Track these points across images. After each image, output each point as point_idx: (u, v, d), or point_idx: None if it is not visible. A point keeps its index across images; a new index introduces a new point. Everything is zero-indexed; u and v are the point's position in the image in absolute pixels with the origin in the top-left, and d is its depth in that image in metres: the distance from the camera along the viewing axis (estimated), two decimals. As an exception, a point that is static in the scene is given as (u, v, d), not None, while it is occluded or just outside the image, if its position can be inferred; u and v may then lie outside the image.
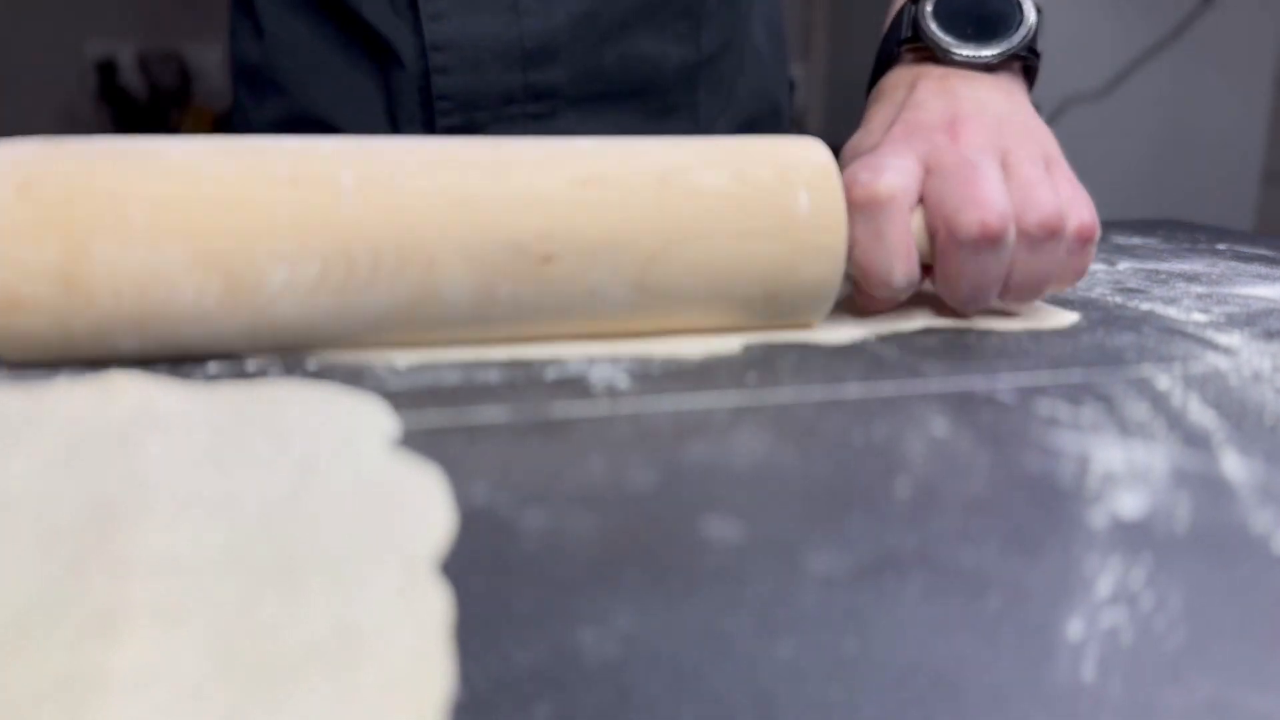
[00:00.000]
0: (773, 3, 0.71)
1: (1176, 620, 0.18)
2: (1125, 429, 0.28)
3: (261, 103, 0.66)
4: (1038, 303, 0.43)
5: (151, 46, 2.11)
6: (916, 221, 0.37)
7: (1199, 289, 0.48)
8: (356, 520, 0.21)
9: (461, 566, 0.20)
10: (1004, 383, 0.33)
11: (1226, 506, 0.23)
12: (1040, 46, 0.44)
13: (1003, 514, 0.23)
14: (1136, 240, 0.63)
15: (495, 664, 0.16)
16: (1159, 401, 0.30)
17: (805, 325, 0.38)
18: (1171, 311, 0.43)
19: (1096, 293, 0.47)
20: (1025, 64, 0.44)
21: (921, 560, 0.20)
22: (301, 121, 0.64)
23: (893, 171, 0.37)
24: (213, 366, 0.34)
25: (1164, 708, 0.16)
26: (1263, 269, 0.53)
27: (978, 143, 0.38)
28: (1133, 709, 0.16)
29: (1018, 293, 0.39)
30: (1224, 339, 0.38)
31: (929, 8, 0.44)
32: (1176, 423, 0.29)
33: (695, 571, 0.20)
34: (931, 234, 0.37)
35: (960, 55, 0.43)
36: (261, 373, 0.33)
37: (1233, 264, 0.55)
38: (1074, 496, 0.24)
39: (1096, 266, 0.53)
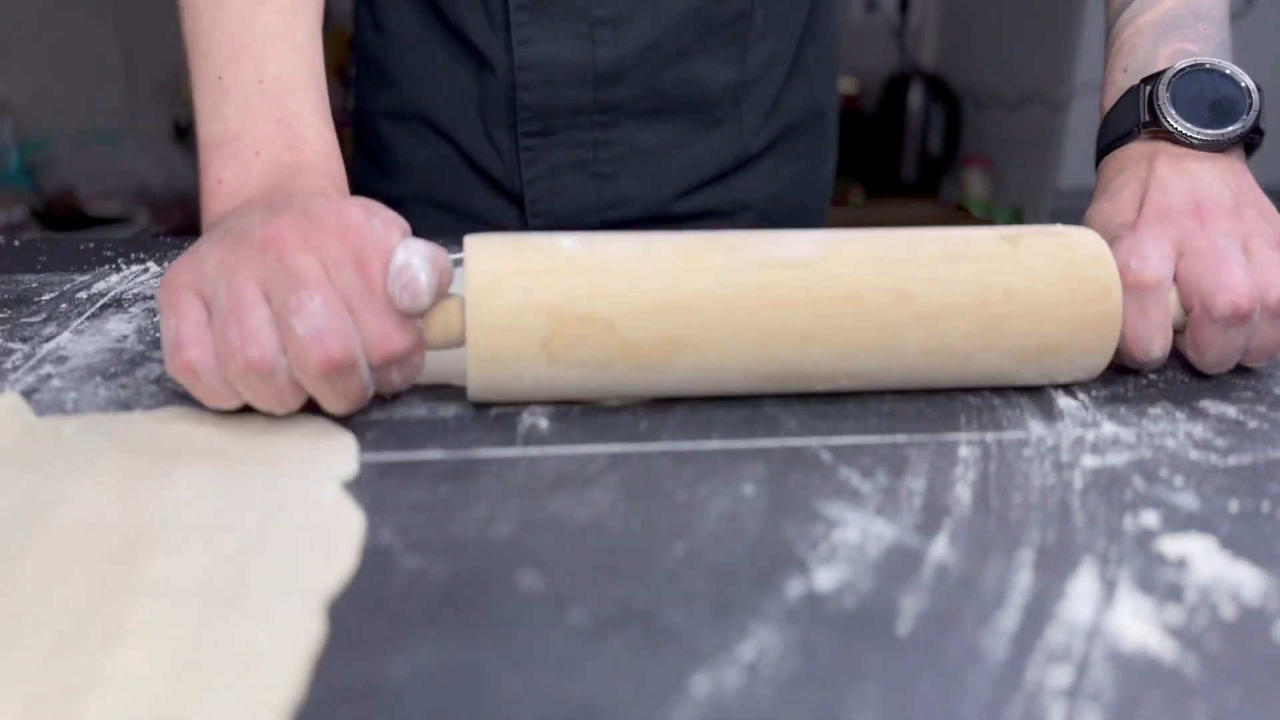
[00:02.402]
0: (829, 16, 0.79)
1: (781, 687, 0.27)
2: (885, 502, 0.36)
3: (378, 92, 0.78)
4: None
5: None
6: (1172, 298, 0.45)
7: (1104, 332, 0.54)
8: (291, 558, 0.33)
9: (343, 603, 0.31)
10: (839, 439, 0.41)
11: (896, 588, 0.32)
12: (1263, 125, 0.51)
13: (728, 580, 0.32)
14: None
15: (328, 682, 0.27)
16: (939, 474, 0.39)
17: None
18: (1050, 363, 0.49)
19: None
20: (1247, 141, 0.51)
21: (643, 618, 0.30)
22: (409, 115, 0.75)
23: (1158, 260, 0.44)
24: (251, 390, 0.46)
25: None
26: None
27: (1223, 228, 0.46)
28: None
29: (1256, 357, 0.46)
30: (1065, 402, 0.45)
31: (1168, 94, 0.50)
32: (933, 499, 0.37)
33: (493, 617, 0.30)
34: (1186, 309, 0.45)
35: (1199, 139, 0.50)
36: (282, 400, 0.44)
37: (1168, 297, 0.60)
38: (794, 567, 0.33)
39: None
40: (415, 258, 0.39)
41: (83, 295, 0.58)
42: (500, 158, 0.73)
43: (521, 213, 0.75)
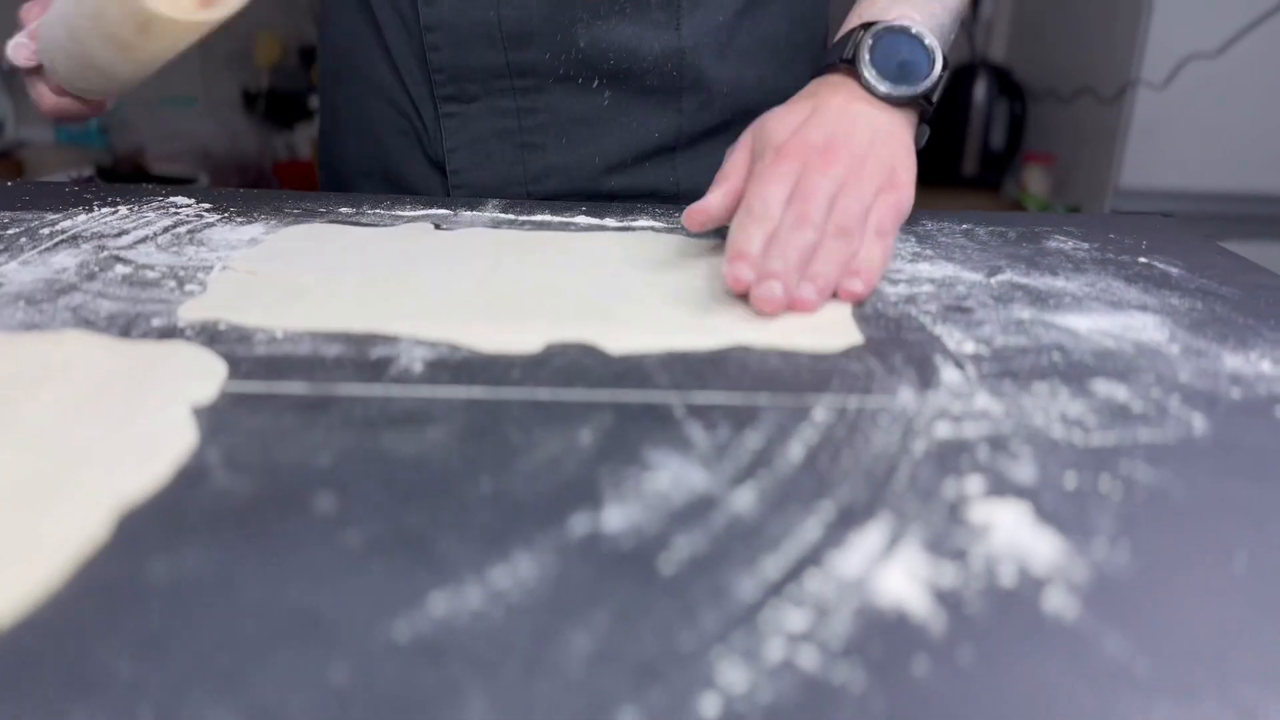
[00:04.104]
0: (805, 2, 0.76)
1: (515, 611, 0.28)
2: (712, 455, 0.36)
3: (328, 58, 0.80)
4: (835, 324, 0.50)
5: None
6: None
7: (1028, 313, 0.52)
8: (110, 468, 0.34)
9: (140, 513, 0.32)
10: (699, 399, 0.41)
11: (679, 531, 0.32)
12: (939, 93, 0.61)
13: (517, 515, 0.32)
14: (1068, 245, 0.66)
15: (88, 577, 0.28)
16: (782, 433, 0.38)
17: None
18: (954, 339, 0.48)
19: (931, 307, 0.53)
20: (923, 109, 0.61)
21: (414, 543, 0.31)
22: (350, 78, 0.77)
23: (774, 203, 0.53)
24: (155, 321, 0.47)
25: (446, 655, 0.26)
26: (1135, 293, 0.56)
27: (833, 172, 0.54)
28: (424, 660, 0.26)
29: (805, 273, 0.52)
30: (945, 375, 0.44)
31: (869, 41, 0.60)
32: (761, 456, 0.37)
33: (272, 532, 0.31)
34: None
35: (876, 88, 0.59)
36: (180, 333, 0.46)
37: (1116, 284, 0.58)
38: (588, 505, 0.33)
39: (974, 277, 0.58)
40: None
41: (45, 231, 0.61)
42: (424, 125, 0.73)
43: (446, 182, 0.75)
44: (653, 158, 0.73)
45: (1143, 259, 0.63)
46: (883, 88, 0.58)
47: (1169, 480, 0.36)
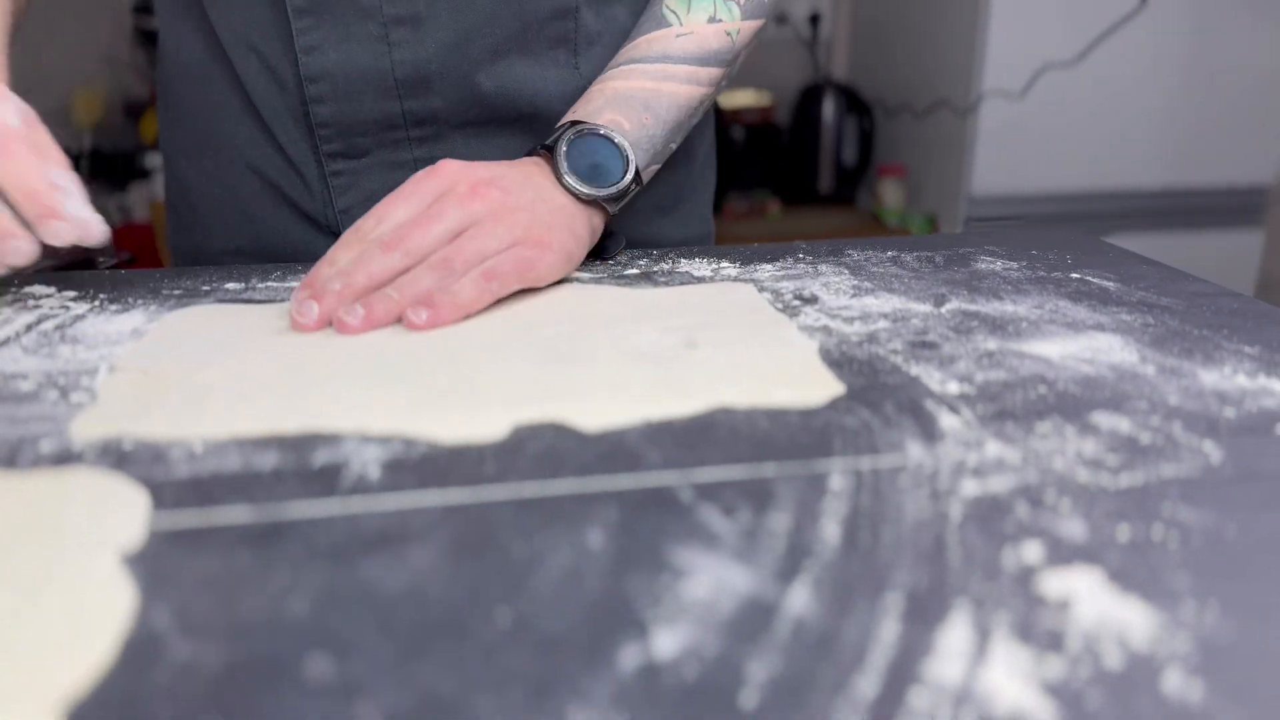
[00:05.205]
0: None
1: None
2: (744, 545, 0.33)
3: (174, 132, 0.72)
4: (810, 373, 0.47)
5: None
6: None
7: (994, 343, 0.51)
8: (37, 653, 0.27)
9: (88, 708, 0.26)
10: (702, 477, 0.37)
11: (745, 650, 0.28)
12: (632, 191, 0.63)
13: (555, 653, 0.28)
14: (998, 265, 0.65)
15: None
16: (806, 510, 0.35)
17: None
18: (935, 379, 0.46)
19: (896, 345, 0.50)
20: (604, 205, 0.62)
21: (446, 709, 0.25)
22: (206, 151, 0.69)
23: (402, 215, 0.55)
24: (45, 444, 0.40)
25: None
26: (1085, 312, 0.56)
27: (473, 205, 0.55)
28: None
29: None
30: (944, 421, 0.42)
31: (571, 136, 0.61)
32: (796, 539, 0.33)
33: (266, 717, 0.25)
34: None
35: (564, 180, 0.60)
36: (79, 456, 0.39)
37: (1062, 304, 0.57)
38: (632, 631, 0.28)
39: (923, 308, 0.56)
40: None
41: (-120, 343, 0.52)
42: (307, 187, 0.67)
43: None
44: None
45: (1075, 274, 0.63)
46: (569, 180, 0.60)
47: (1216, 521, 0.34)
